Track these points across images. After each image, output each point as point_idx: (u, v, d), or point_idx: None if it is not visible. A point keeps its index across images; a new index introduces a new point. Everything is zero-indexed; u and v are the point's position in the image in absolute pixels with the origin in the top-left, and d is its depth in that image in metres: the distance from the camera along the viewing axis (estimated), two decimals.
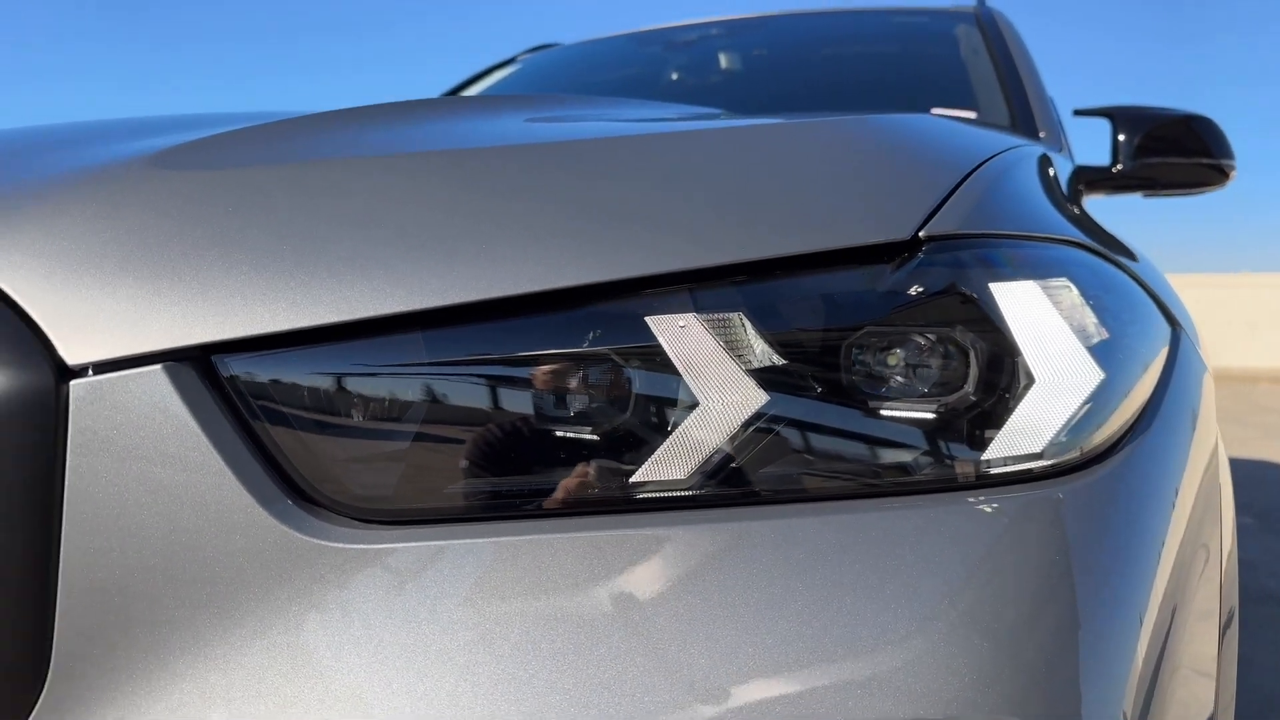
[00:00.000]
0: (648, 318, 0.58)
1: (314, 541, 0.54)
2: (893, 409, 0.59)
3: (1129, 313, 0.76)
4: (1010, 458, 0.60)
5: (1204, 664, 0.75)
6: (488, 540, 0.55)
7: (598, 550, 0.54)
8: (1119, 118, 1.81)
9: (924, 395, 0.60)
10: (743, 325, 0.59)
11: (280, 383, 0.57)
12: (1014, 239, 0.69)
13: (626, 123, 0.92)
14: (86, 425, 0.55)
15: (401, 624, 0.53)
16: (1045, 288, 0.65)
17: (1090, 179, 1.76)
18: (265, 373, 0.57)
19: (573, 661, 0.52)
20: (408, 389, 0.57)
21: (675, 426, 0.57)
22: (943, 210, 0.65)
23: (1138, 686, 0.57)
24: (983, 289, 0.62)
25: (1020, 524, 0.57)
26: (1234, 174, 1.81)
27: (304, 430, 0.57)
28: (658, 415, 0.58)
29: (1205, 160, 1.76)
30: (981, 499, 0.58)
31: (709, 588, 0.54)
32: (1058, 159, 1.33)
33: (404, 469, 0.57)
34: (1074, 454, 0.62)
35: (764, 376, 0.58)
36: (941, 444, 0.59)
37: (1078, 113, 2.03)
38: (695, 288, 0.59)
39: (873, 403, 0.59)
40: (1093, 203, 1.68)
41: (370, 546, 0.55)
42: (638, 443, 0.57)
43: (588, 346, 0.58)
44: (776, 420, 0.58)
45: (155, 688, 0.53)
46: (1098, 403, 0.64)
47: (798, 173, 0.69)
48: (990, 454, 0.59)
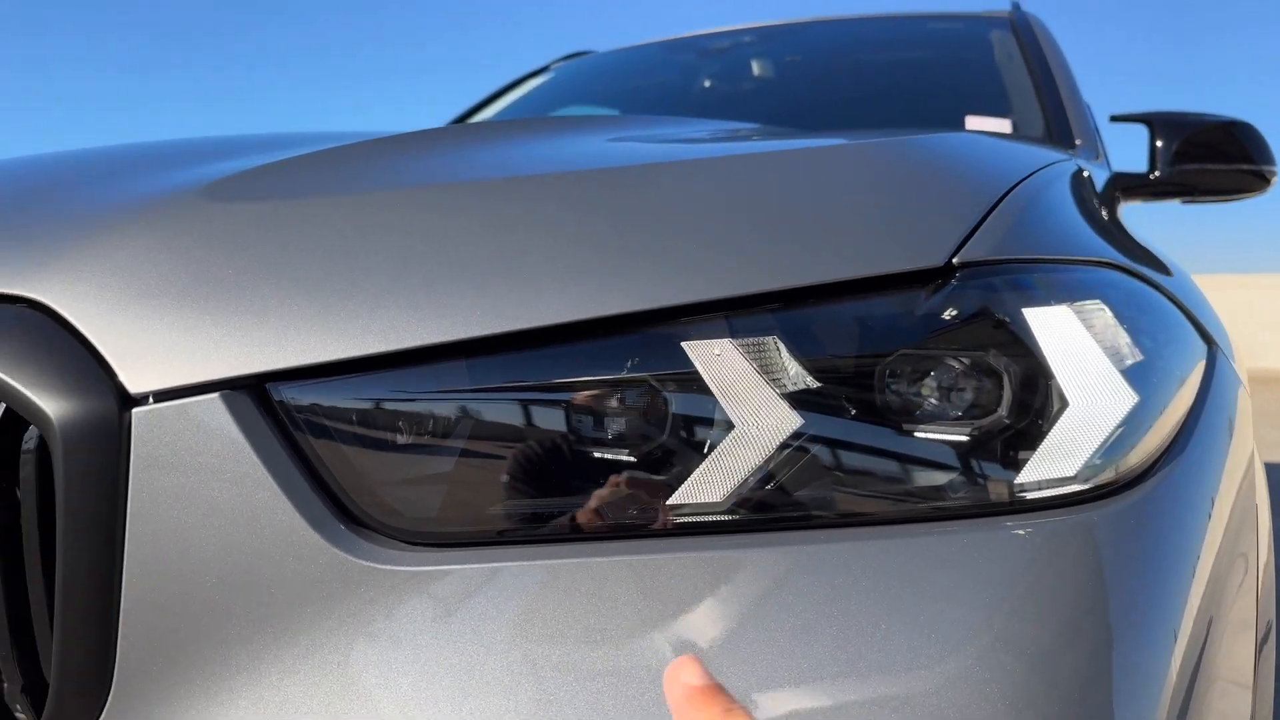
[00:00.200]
0: (684, 343, 0.59)
1: (364, 564, 0.56)
2: (927, 432, 0.60)
3: (1164, 333, 0.76)
4: (1045, 481, 0.60)
5: (1241, 676, 0.75)
6: (535, 564, 0.56)
7: (636, 574, 0.56)
8: (1157, 123, 1.80)
9: (958, 419, 0.61)
10: (778, 350, 0.60)
11: (331, 409, 0.59)
12: (1047, 263, 0.69)
13: (661, 144, 0.93)
14: (147, 450, 0.57)
15: (448, 645, 0.55)
16: (1078, 311, 0.65)
17: (1127, 186, 1.74)
18: (316, 399, 0.59)
19: (613, 684, 0.54)
20: (452, 414, 0.59)
21: (713, 449, 0.58)
22: (976, 235, 0.66)
23: (1171, 701, 0.58)
24: (1016, 314, 0.63)
25: (1055, 547, 0.58)
26: (1275, 179, 1.79)
27: (354, 455, 0.58)
28: (696, 439, 0.59)
29: (1246, 166, 1.74)
30: (1016, 523, 0.58)
31: (747, 611, 0.55)
32: (1094, 168, 1.32)
33: (450, 492, 0.59)
34: (1109, 476, 0.62)
35: (799, 399, 0.59)
36: (976, 468, 0.60)
37: (1115, 118, 2.01)
38: (731, 314, 0.61)
39: (907, 426, 0.60)
40: (1129, 209, 1.67)
41: (419, 569, 0.56)
42: (677, 466, 0.59)
43: (627, 373, 0.59)
44: (814, 441, 0.59)
45: (213, 704, 0.56)
46: (1132, 425, 0.64)
47: (832, 199, 0.70)
48: (1024, 477, 0.60)
